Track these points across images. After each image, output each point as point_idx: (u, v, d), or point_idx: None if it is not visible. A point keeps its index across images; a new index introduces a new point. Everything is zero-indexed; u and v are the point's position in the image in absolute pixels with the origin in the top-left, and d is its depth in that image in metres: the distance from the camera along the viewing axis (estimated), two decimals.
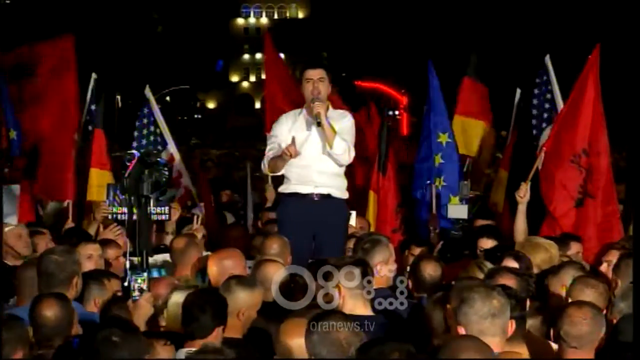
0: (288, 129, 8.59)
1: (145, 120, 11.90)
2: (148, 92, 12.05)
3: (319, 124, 8.37)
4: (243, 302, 6.13)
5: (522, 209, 9.00)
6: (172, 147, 11.84)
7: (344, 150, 8.48)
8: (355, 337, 5.02)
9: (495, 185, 11.73)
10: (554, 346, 5.82)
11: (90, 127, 11.42)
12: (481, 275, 6.76)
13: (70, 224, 10.11)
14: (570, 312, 5.61)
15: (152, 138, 11.82)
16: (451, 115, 11.67)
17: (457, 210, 10.23)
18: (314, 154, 8.57)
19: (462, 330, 5.12)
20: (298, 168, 8.51)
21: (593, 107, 9.35)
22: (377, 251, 6.91)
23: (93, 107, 11.51)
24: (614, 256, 7.47)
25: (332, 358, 5.00)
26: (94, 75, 11.65)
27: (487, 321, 5.13)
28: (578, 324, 5.53)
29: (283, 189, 8.68)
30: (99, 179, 10.76)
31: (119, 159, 10.65)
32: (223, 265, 7.20)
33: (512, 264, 7.33)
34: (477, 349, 4.74)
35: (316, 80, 8.53)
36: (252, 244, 9.28)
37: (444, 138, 10.98)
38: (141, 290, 5.93)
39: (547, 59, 11.11)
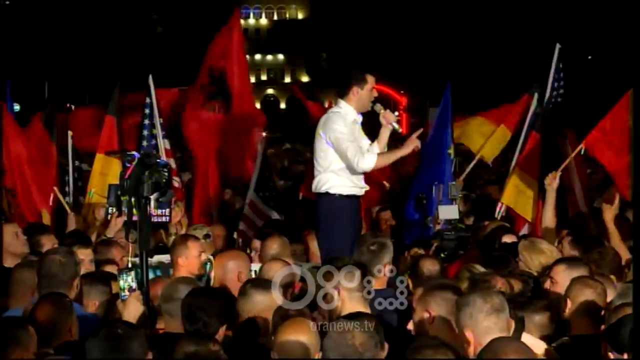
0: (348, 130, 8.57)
1: (147, 111, 11.55)
2: (150, 82, 11.62)
3: (395, 129, 8.67)
4: (259, 305, 6.15)
5: (552, 195, 9.25)
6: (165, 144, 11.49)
7: None
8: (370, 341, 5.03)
9: (511, 186, 10.94)
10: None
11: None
12: None
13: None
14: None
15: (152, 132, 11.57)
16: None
17: (448, 211, 10.25)
18: None
19: (469, 334, 5.09)
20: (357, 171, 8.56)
21: None
22: (385, 253, 6.93)
23: None
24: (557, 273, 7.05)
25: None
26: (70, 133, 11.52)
27: (494, 316, 5.14)
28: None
29: (339, 190, 8.51)
30: (104, 167, 10.65)
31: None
32: (227, 267, 7.23)
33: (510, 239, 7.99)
34: (519, 350, 4.73)
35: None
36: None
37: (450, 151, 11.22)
38: (130, 290, 5.93)
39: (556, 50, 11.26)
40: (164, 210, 8.24)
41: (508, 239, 8.59)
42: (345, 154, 8.39)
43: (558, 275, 6.89)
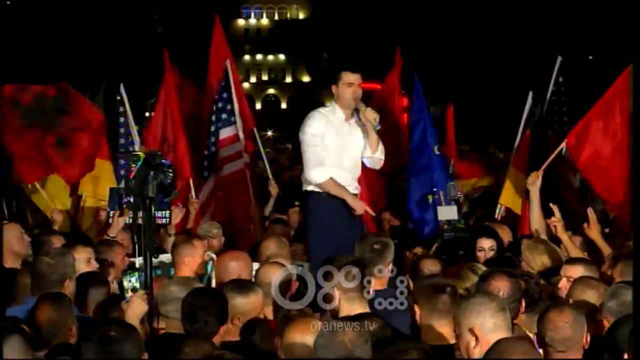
0: (323, 130, 8.60)
1: (122, 119, 11.64)
2: (122, 91, 11.78)
3: (377, 130, 8.57)
4: (239, 308, 6.14)
5: (534, 195, 9.12)
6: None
7: (383, 154, 8.73)
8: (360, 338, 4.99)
9: (507, 187, 11.05)
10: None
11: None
12: (475, 279, 6.79)
13: None
14: (552, 317, 5.55)
15: (129, 139, 11.61)
16: None
17: (447, 211, 10.24)
18: (354, 159, 8.73)
19: (478, 331, 5.06)
20: (341, 171, 8.59)
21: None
22: (388, 252, 6.93)
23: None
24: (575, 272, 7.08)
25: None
26: None
27: (501, 314, 5.12)
28: (562, 328, 5.49)
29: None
30: (95, 169, 10.68)
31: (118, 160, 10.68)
32: (228, 267, 7.23)
33: (486, 243, 7.96)
34: (526, 351, 4.71)
35: (357, 85, 8.62)
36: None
37: (435, 150, 11.07)
38: (134, 290, 5.94)
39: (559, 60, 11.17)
40: (164, 212, 8.27)
41: (485, 243, 8.50)
42: (303, 156, 8.54)
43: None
